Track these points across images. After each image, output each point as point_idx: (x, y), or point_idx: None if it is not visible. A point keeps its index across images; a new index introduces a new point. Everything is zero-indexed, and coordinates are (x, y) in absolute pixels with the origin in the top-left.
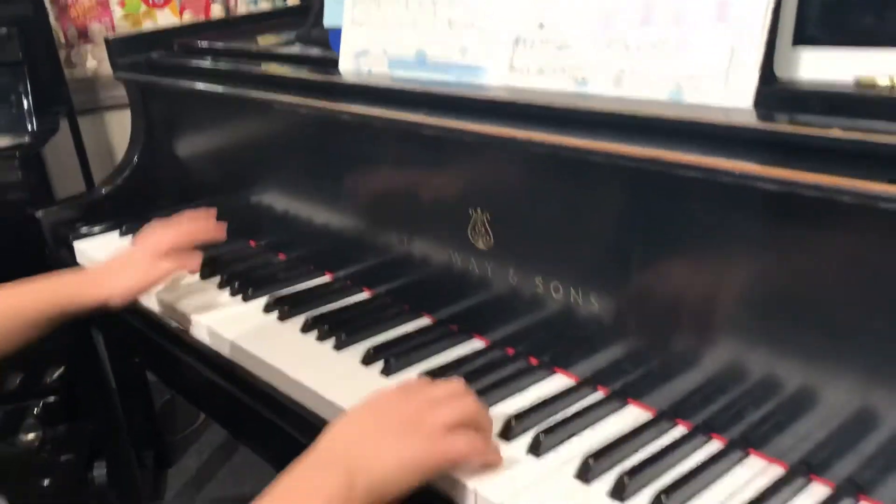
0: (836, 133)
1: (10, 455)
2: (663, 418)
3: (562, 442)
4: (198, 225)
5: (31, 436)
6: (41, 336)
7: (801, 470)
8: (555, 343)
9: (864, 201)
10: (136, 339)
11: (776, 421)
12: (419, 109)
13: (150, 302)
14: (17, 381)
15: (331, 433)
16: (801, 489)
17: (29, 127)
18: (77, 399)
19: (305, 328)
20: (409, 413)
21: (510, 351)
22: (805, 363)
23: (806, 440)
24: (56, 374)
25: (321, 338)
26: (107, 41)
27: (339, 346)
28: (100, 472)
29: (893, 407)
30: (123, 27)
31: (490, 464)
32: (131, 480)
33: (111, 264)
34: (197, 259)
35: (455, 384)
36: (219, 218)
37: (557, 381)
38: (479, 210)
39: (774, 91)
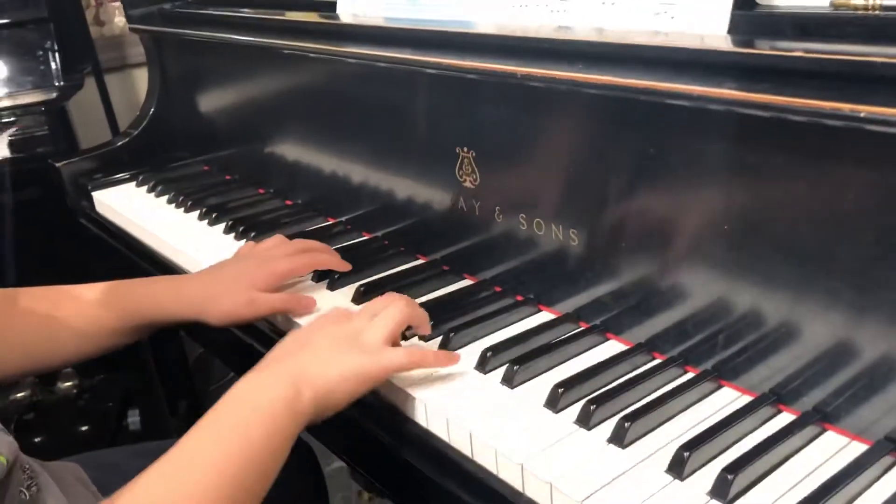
0: (798, 54)
1: (49, 402)
2: (638, 351)
3: (536, 375)
4: (319, 259)
5: (68, 384)
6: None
7: (770, 399)
8: (538, 280)
9: (842, 123)
10: None
11: (749, 353)
12: (408, 48)
13: (169, 252)
14: None
15: (275, 350)
16: (769, 417)
17: (56, 83)
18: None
19: None
20: (350, 331)
21: (497, 289)
22: (781, 295)
23: (778, 372)
24: None
25: (315, 279)
26: None
27: (332, 287)
28: (134, 419)
29: (865, 339)
30: None
31: (432, 365)
32: (164, 428)
33: (216, 281)
34: (308, 303)
35: (389, 295)
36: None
37: (542, 318)
38: (465, 149)
39: (750, 16)
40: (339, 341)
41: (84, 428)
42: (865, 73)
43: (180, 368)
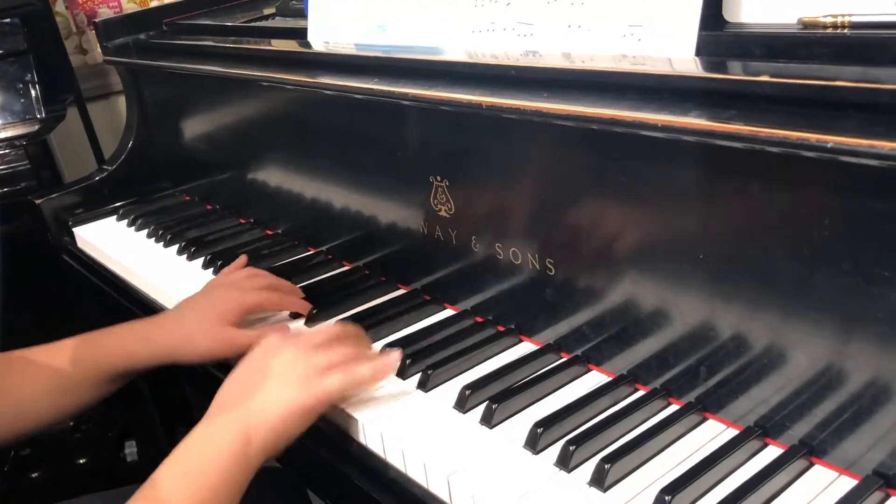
0: (764, 79)
1: (46, 436)
2: (621, 383)
3: (515, 412)
4: (288, 301)
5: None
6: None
7: (755, 432)
8: (518, 310)
9: (812, 153)
10: None
11: (733, 384)
12: (377, 77)
13: (148, 289)
14: None
15: (222, 393)
16: (755, 451)
17: (38, 115)
18: None
19: None
20: (289, 360)
21: (478, 319)
22: (763, 325)
23: (762, 403)
24: None
25: (292, 314)
26: (95, 25)
27: (311, 322)
28: (131, 450)
29: (849, 370)
30: (130, 11)
31: (370, 383)
32: (163, 458)
33: (187, 321)
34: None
35: (336, 328)
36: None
37: (523, 349)
38: (438, 178)
39: (718, 37)
40: (280, 375)
41: (82, 461)
42: (833, 99)
43: (177, 395)
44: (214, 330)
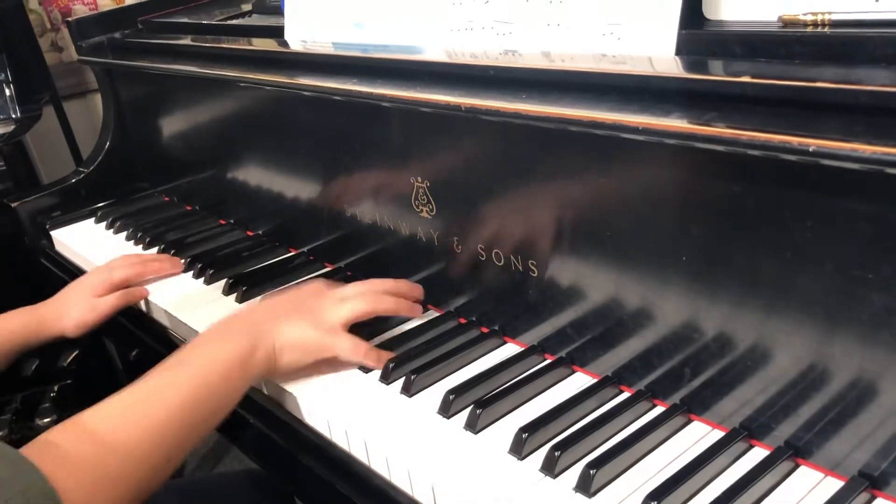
0: (745, 80)
1: (29, 440)
2: (606, 385)
3: (499, 417)
4: (152, 267)
5: (47, 420)
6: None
7: (741, 434)
8: (502, 311)
9: (793, 157)
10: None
11: (718, 385)
12: (355, 77)
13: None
14: (33, 367)
15: (243, 309)
16: (740, 453)
17: (13, 115)
18: (92, 382)
19: None
20: (314, 305)
21: (462, 320)
22: (747, 326)
23: (747, 404)
24: (70, 358)
25: None
26: (69, 24)
27: None
28: None
29: (832, 371)
30: (107, 8)
31: (369, 364)
32: None
33: (63, 300)
34: (141, 293)
35: (366, 284)
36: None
37: (507, 351)
38: (419, 179)
39: (698, 35)
40: (300, 312)
41: None
42: (814, 100)
43: None
44: (85, 301)
